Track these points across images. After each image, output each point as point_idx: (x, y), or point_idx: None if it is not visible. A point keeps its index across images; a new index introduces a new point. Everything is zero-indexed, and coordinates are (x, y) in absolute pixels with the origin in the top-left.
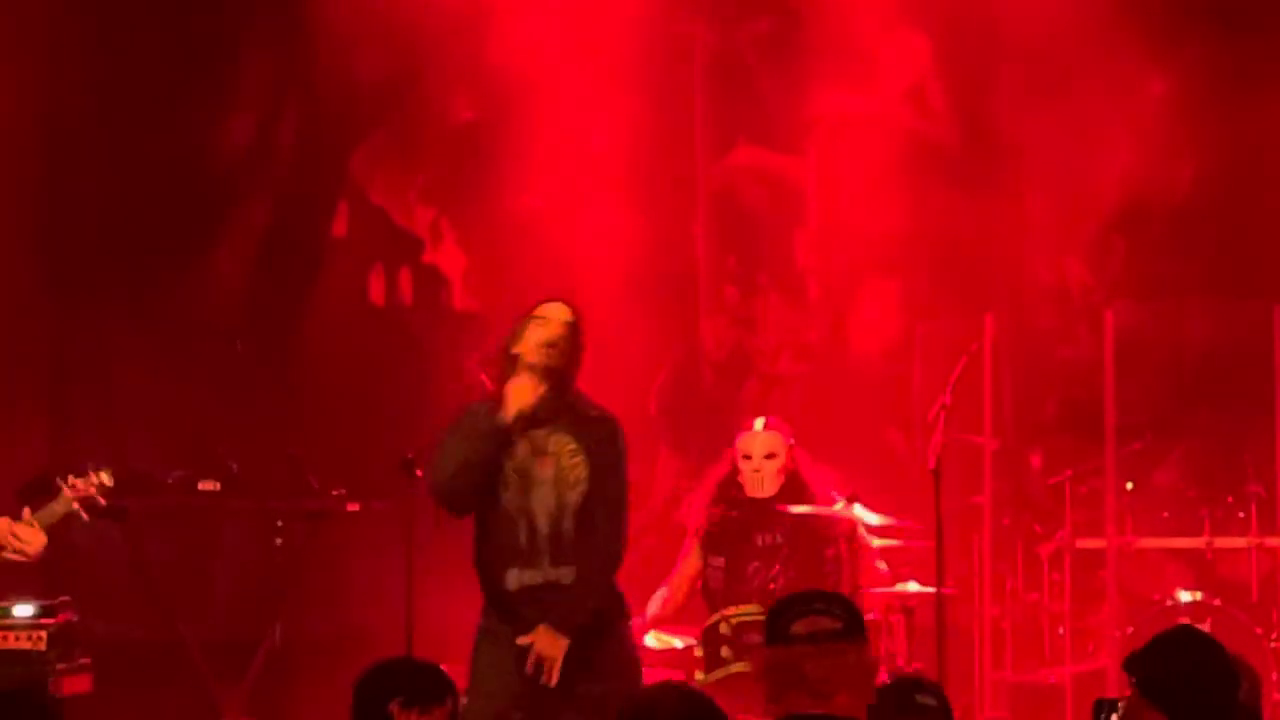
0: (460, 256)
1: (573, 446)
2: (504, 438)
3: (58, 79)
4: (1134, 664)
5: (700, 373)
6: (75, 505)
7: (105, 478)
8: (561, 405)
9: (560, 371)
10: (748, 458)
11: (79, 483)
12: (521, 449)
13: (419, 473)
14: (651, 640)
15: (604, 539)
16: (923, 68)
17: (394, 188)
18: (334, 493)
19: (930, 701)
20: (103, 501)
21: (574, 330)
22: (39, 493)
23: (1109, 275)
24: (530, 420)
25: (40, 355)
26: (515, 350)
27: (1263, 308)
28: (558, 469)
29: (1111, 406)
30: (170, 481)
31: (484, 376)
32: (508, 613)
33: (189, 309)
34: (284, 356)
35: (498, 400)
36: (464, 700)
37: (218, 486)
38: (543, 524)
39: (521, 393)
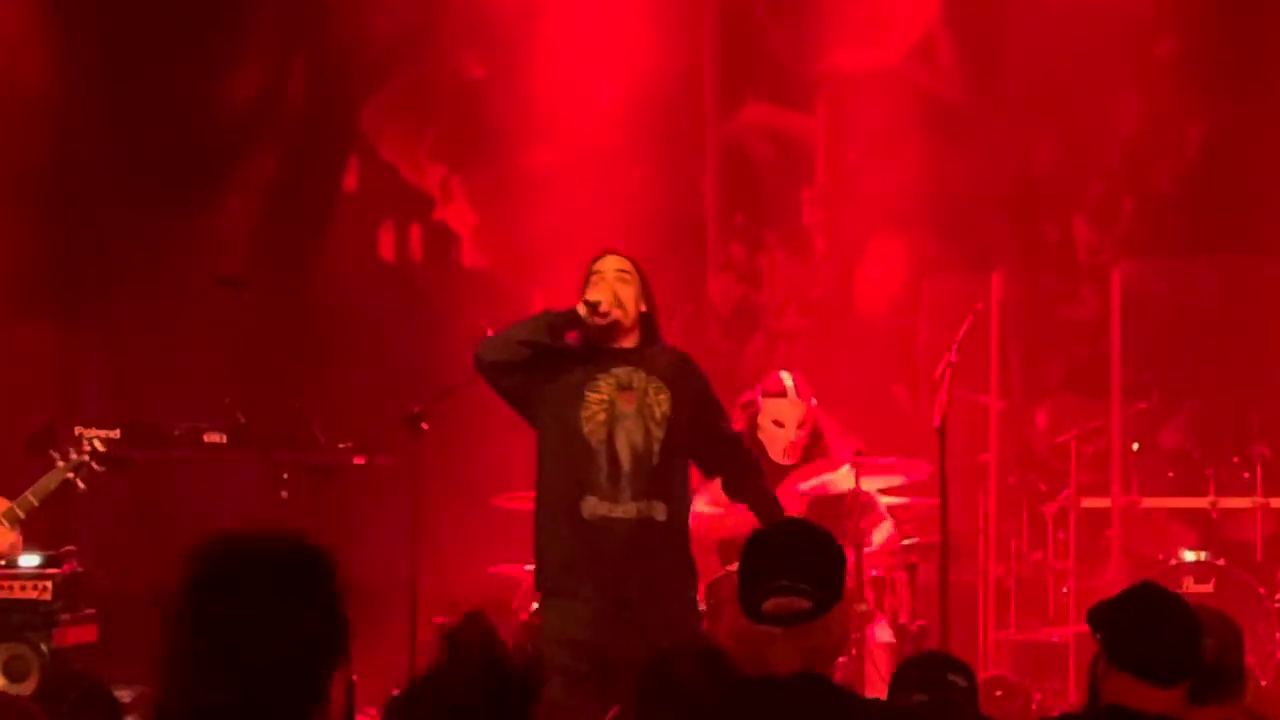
0: (470, 213)
1: (657, 384)
2: (567, 324)
3: (67, 29)
4: (1099, 623)
5: (707, 328)
6: (70, 475)
7: (98, 443)
8: (645, 345)
9: (641, 317)
10: (780, 424)
11: (72, 451)
12: (605, 383)
13: (424, 426)
14: None
15: (750, 467)
16: (932, 24)
17: (404, 143)
18: (340, 446)
19: (961, 682)
20: (97, 467)
21: (634, 275)
22: (45, 443)
23: (1116, 234)
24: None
25: (48, 306)
26: (580, 311)
27: (1270, 267)
28: (641, 404)
29: (1117, 366)
30: (176, 433)
31: (490, 332)
32: (560, 551)
33: (197, 260)
34: (292, 309)
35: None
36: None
37: (224, 438)
38: (625, 459)
39: (602, 290)
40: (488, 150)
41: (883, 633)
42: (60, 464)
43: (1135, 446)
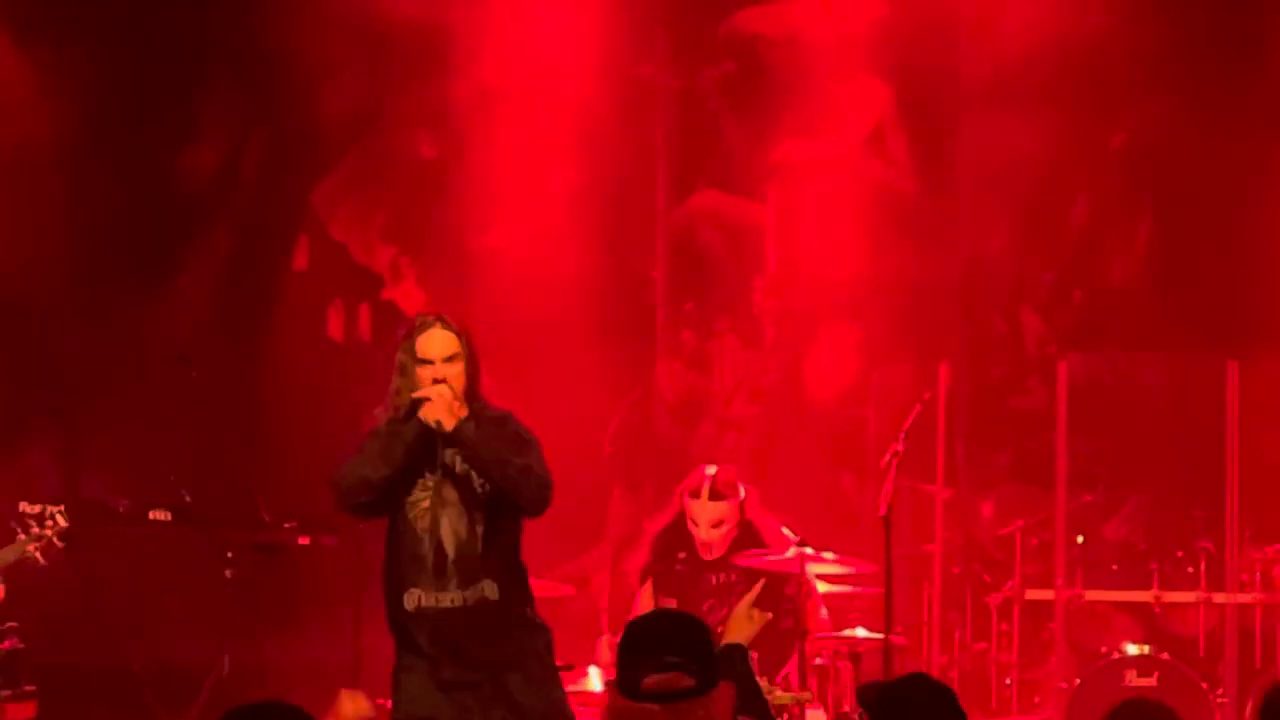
0: (419, 294)
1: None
2: (432, 441)
3: (22, 107)
4: None
5: (655, 415)
6: (31, 548)
7: (61, 519)
8: (468, 419)
9: (466, 393)
10: (695, 524)
11: (35, 527)
12: (431, 472)
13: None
14: (598, 681)
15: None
16: (884, 115)
17: (355, 223)
18: (285, 525)
19: None
20: (59, 544)
21: (460, 354)
22: None
23: (1064, 326)
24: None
25: None
26: (415, 397)
27: (1216, 363)
28: (465, 490)
29: (1063, 458)
30: (122, 510)
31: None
32: (403, 635)
33: (146, 336)
34: (240, 388)
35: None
36: None
37: (169, 516)
38: (450, 547)
39: (444, 401)
40: (438, 231)
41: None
42: (21, 537)
43: (1080, 539)
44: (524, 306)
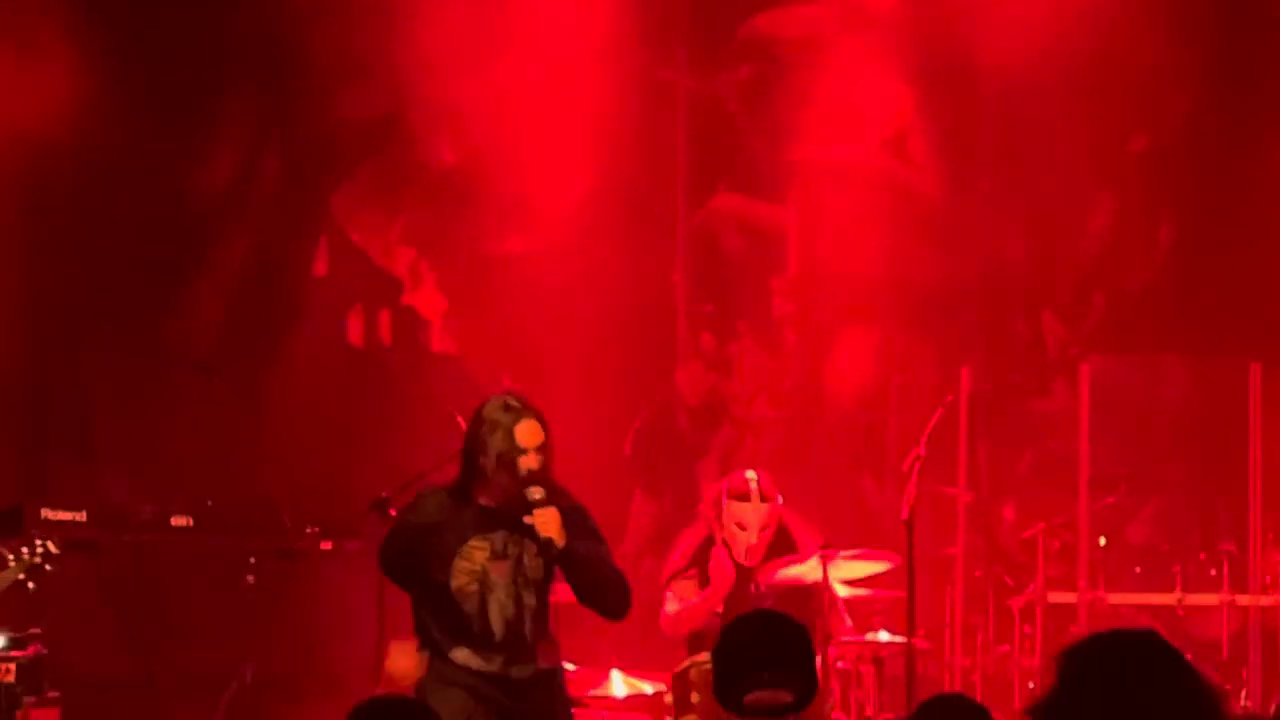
0: (439, 298)
1: (533, 550)
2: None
3: (41, 114)
4: None
5: (676, 417)
6: (21, 576)
7: (52, 547)
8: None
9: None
10: (742, 527)
11: (26, 553)
12: (478, 550)
13: (392, 512)
14: (620, 685)
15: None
16: (905, 118)
17: (375, 228)
18: (307, 531)
19: None
20: (49, 568)
21: (546, 443)
22: (11, 528)
23: (1085, 329)
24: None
25: (17, 387)
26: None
27: (1238, 365)
28: (515, 572)
29: (1085, 461)
30: (144, 517)
31: (459, 418)
32: (448, 678)
33: (167, 344)
34: (261, 394)
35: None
36: None
37: (191, 522)
38: (498, 628)
39: (555, 519)
40: (458, 236)
41: None
42: (12, 564)
43: (1102, 541)
44: (544, 310)
